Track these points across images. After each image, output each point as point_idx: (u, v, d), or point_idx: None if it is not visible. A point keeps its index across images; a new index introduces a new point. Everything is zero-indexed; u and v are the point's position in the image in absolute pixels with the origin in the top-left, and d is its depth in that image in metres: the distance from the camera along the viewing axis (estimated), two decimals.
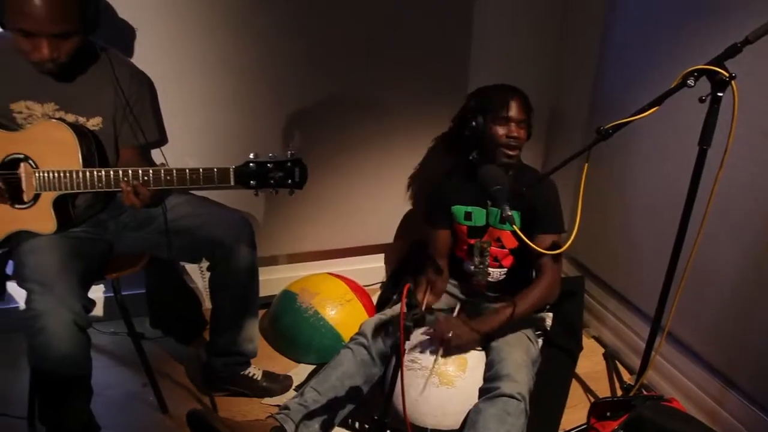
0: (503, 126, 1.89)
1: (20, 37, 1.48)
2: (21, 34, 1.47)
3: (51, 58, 1.51)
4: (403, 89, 2.39)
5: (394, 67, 2.36)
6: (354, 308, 2.25)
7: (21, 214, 1.63)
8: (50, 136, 1.60)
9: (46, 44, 1.48)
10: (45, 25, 1.46)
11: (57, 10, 1.46)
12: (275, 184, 1.55)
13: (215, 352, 1.98)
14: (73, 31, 1.52)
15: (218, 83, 2.20)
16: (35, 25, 1.45)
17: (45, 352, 1.51)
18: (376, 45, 2.31)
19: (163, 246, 1.81)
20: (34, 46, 1.49)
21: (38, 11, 1.43)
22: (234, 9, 2.13)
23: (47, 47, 1.49)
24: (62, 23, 1.48)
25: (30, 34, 1.47)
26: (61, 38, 1.50)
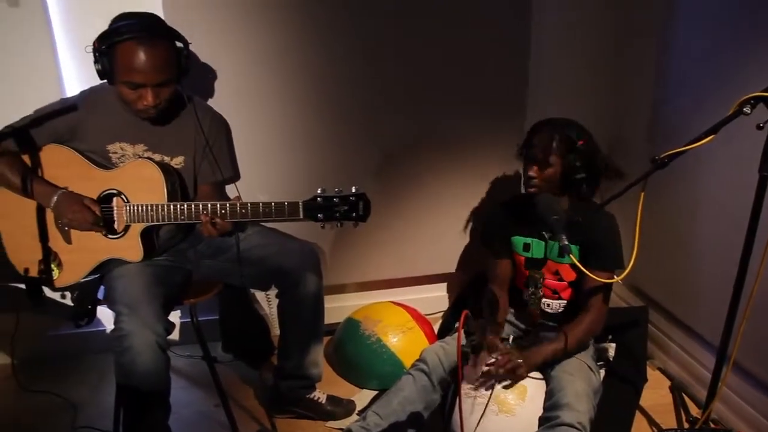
0: (527, 164, 1.92)
1: (127, 89, 1.69)
2: (129, 86, 1.68)
3: (154, 105, 1.71)
4: (463, 122, 2.46)
5: (454, 101, 2.44)
6: (415, 336, 2.30)
7: (113, 244, 1.80)
8: (140, 174, 1.78)
9: (150, 93, 1.69)
10: (150, 76, 1.66)
11: (160, 63, 1.67)
12: (340, 217, 1.66)
13: (282, 376, 2.08)
14: (171, 80, 1.72)
15: (287, 123, 2.36)
16: (142, 77, 1.66)
17: (130, 370, 1.64)
18: (437, 81, 2.41)
19: (236, 274, 1.94)
20: (140, 95, 1.69)
21: (145, 65, 1.64)
22: (301, 53, 2.28)
23: (151, 95, 1.69)
24: (164, 73, 1.68)
25: (138, 85, 1.67)
26: (162, 86, 1.70)
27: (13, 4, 2.11)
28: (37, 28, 2.15)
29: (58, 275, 1.84)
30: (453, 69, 2.40)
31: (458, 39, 2.37)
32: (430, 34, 2.35)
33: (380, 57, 2.34)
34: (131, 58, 1.65)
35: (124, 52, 1.65)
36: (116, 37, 1.65)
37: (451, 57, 2.39)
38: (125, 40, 1.65)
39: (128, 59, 1.65)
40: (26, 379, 2.31)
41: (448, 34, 2.36)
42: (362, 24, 2.30)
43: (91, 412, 2.22)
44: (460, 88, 2.43)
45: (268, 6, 2.22)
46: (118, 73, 1.68)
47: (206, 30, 2.16)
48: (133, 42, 1.64)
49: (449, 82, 2.42)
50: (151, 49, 1.65)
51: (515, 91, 2.49)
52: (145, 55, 1.64)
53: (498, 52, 2.42)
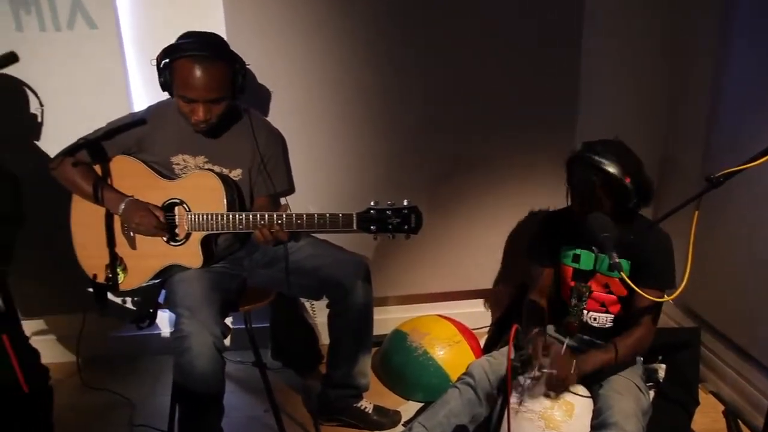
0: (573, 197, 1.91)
1: (182, 102, 1.79)
2: (183, 99, 1.78)
3: (204, 119, 1.80)
4: (511, 139, 2.49)
5: (504, 120, 2.47)
6: (462, 350, 2.32)
7: (175, 251, 1.89)
8: (201, 184, 1.87)
9: (201, 108, 1.78)
10: (202, 93, 1.75)
11: (213, 81, 1.75)
12: (393, 229, 1.69)
13: (331, 384, 2.13)
14: (223, 98, 1.80)
15: (339, 138, 2.44)
16: (194, 93, 1.75)
17: (188, 369, 1.72)
18: (488, 100, 2.44)
19: (287, 284, 2.00)
20: (192, 109, 1.79)
21: (198, 82, 1.73)
22: (355, 72, 2.37)
23: (202, 110, 1.78)
24: (216, 92, 1.77)
25: (190, 100, 1.76)
26: (214, 103, 1.79)
27: (92, 26, 2.26)
28: (110, 47, 2.30)
29: (123, 279, 1.94)
30: (503, 87, 2.44)
31: (509, 59, 2.41)
32: (481, 55, 2.39)
33: (432, 76, 2.40)
34: (186, 74, 1.74)
35: (181, 68, 1.75)
36: (176, 53, 1.76)
37: (502, 76, 2.43)
38: (183, 56, 1.75)
39: (184, 75, 1.75)
40: (89, 377, 2.44)
41: (500, 55, 2.40)
42: (414, 44, 2.36)
43: (147, 410, 2.33)
44: (510, 106, 2.46)
45: (324, 28, 2.32)
46: (176, 86, 1.78)
47: (265, 49, 2.27)
48: (189, 59, 1.74)
49: (499, 101, 2.45)
50: (206, 67, 1.74)
51: (564, 109, 2.50)
52: (199, 72, 1.74)
53: (548, 72, 2.44)
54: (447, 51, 2.38)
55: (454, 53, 2.38)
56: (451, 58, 2.39)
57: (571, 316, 2.03)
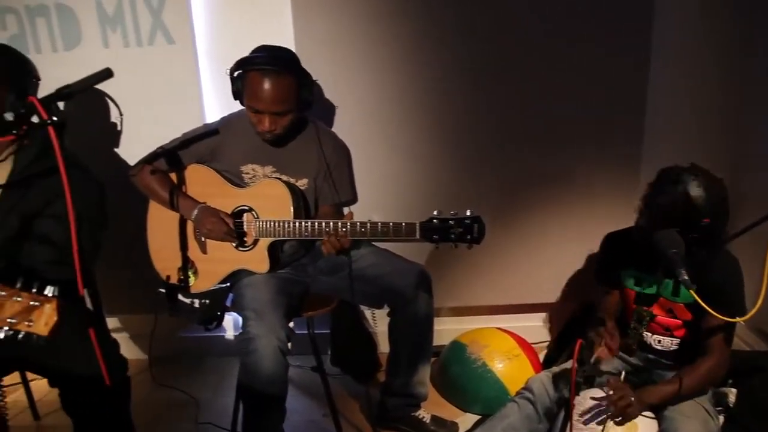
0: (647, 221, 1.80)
1: (251, 112, 1.87)
2: (251, 110, 1.86)
3: (270, 130, 1.87)
4: (579, 156, 2.48)
5: (573, 135, 2.46)
6: (521, 363, 2.30)
7: (243, 256, 1.97)
8: (270, 192, 1.94)
9: (267, 119, 1.86)
10: (268, 105, 1.83)
11: (279, 95, 1.83)
12: (455, 239, 1.71)
13: (390, 392, 2.15)
14: (289, 111, 1.87)
15: (403, 148, 2.48)
16: (261, 104, 1.83)
17: (254, 371, 1.77)
18: (555, 114, 2.44)
19: (350, 291, 2.03)
20: (259, 120, 1.87)
21: (266, 95, 1.81)
22: (421, 84, 2.41)
23: (268, 122, 1.86)
24: (282, 105, 1.84)
25: (258, 111, 1.84)
26: (280, 116, 1.86)
27: (170, 42, 2.39)
28: (186, 61, 2.43)
29: (194, 282, 2.03)
30: (571, 103, 2.43)
31: (579, 76, 2.40)
32: (551, 69, 2.39)
33: (499, 89, 2.42)
34: (255, 86, 1.82)
35: (251, 80, 1.83)
36: (247, 65, 1.84)
37: (571, 92, 2.41)
38: (254, 69, 1.83)
39: (253, 87, 1.83)
40: (159, 374, 2.55)
41: (570, 72, 2.39)
42: (482, 58, 2.38)
43: (212, 409, 2.41)
44: (577, 122, 2.45)
45: (391, 41, 2.37)
46: (245, 97, 1.87)
47: (332, 62, 2.34)
48: (259, 72, 1.82)
49: (567, 116, 2.44)
50: (274, 81, 1.82)
51: (631, 127, 2.46)
52: (267, 85, 1.81)
53: (616, 91, 2.41)
54: (516, 64, 2.39)
55: (523, 67, 2.39)
56: (519, 72, 2.40)
57: (629, 338, 1.99)
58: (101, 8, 2.39)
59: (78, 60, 2.43)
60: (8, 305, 1.25)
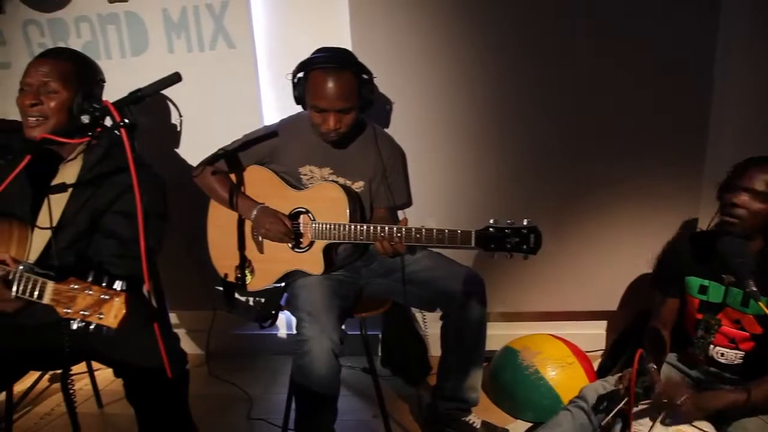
0: (733, 192, 1.76)
1: (314, 112, 1.90)
2: (315, 110, 1.89)
3: (334, 129, 1.90)
4: (636, 164, 2.41)
5: (629, 141, 2.40)
6: (575, 372, 2.25)
7: (298, 257, 2.01)
8: (326, 195, 1.98)
9: (332, 118, 1.88)
10: (333, 102, 1.86)
11: (343, 91, 1.85)
12: (511, 248, 1.69)
13: (440, 396, 2.15)
14: (353, 108, 1.90)
15: (459, 153, 2.47)
16: (326, 102, 1.86)
17: (307, 371, 1.81)
18: (614, 122, 2.39)
19: (402, 293, 2.05)
20: (324, 119, 1.89)
21: (330, 92, 1.84)
22: (479, 89, 2.40)
23: (333, 120, 1.88)
24: (346, 101, 1.87)
25: (322, 110, 1.87)
26: (344, 113, 1.89)
27: (231, 47, 2.47)
28: (245, 65, 2.49)
29: (251, 281, 2.09)
30: (632, 109, 2.37)
31: (640, 84, 2.34)
32: (610, 77, 2.34)
33: (559, 95, 2.38)
34: (319, 84, 1.86)
35: (314, 79, 1.87)
36: (310, 66, 1.88)
37: (631, 100, 2.36)
38: (317, 68, 1.86)
39: (317, 85, 1.86)
40: (214, 369, 2.63)
41: (631, 79, 2.34)
42: (541, 62, 2.35)
43: (264, 405, 2.47)
44: (637, 129, 2.39)
45: (447, 46, 2.37)
46: (309, 97, 1.90)
47: (389, 66, 2.35)
48: (322, 70, 1.86)
49: (626, 123, 2.39)
50: (337, 78, 1.85)
51: (694, 133, 2.38)
52: (331, 83, 1.84)
53: (679, 97, 2.34)
54: (575, 71, 2.35)
55: (584, 74, 2.35)
56: (579, 79, 2.35)
57: (695, 348, 1.92)
58: (167, 15, 2.48)
59: (144, 65, 2.53)
60: (81, 298, 1.32)
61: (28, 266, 1.45)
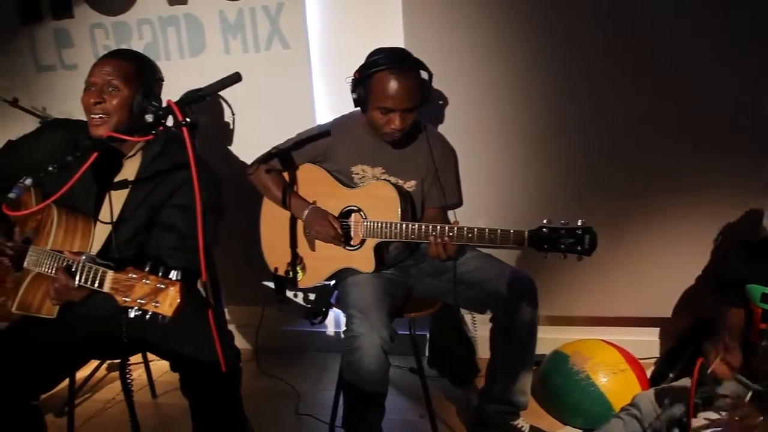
0: None
1: (378, 114, 1.90)
2: (381, 111, 1.89)
3: (400, 129, 1.90)
4: (698, 165, 2.34)
5: (691, 142, 2.33)
6: (627, 379, 2.20)
7: (349, 255, 2.02)
8: (378, 194, 1.99)
9: (398, 117, 1.89)
10: (400, 102, 1.86)
11: (409, 91, 1.86)
12: (565, 249, 1.67)
13: (489, 399, 2.13)
14: (417, 107, 1.90)
15: (511, 153, 2.46)
16: (393, 102, 1.86)
17: (357, 368, 1.82)
18: (671, 121, 2.33)
19: (452, 294, 2.03)
20: (389, 120, 1.90)
21: (397, 92, 1.85)
22: (533, 88, 2.38)
23: (399, 120, 1.89)
24: (411, 101, 1.88)
25: (388, 110, 1.88)
26: (408, 112, 1.89)
27: (286, 47, 2.51)
28: (299, 65, 2.53)
29: (302, 277, 2.12)
30: (693, 111, 2.31)
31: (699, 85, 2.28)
32: (673, 76, 2.28)
33: (617, 93, 2.33)
34: (385, 85, 1.86)
35: (380, 81, 1.87)
36: (373, 68, 1.88)
37: (692, 102, 2.29)
38: (381, 70, 1.87)
39: (382, 87, 1.86)
40: (263, 364, 2.68)
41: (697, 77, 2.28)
42: (601, 60, 2.31)
43: (311, 402, 2.50)
44: (700, 130, 2.32)
45: (502, 42, 2.36)
46: (373, 99, 1.90)
47: (441, 63, 2.32)
48: (387, 72, 1.86)
49: (687, 126, 2.32)
50: (403, 78, 1.85)
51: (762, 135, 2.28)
52: (397, 83, 1.85)
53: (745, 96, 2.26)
54: (637, 66, 2.29)
55: (645, 70, 2.29)
56: (639, 75, 2.30)
57: (759, 359, 1.85)
58: (224, 16, 2.54)
59: (202, 65, 2.61)
60: (138, 287, 1.36)
61: (89, 257, 1.51)
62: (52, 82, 2.79)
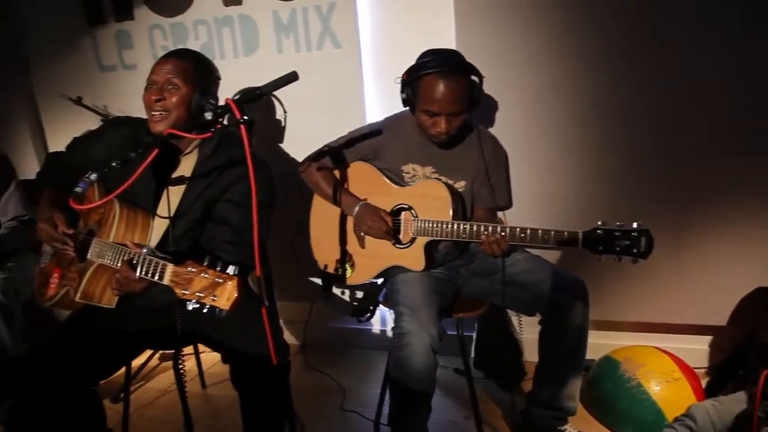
0: None
1: (425, 116, 1.91)
2: (427, 114, 1.89)
3: (446, 132, 1.90)
4: (760, 170, 2.26)
5: (749, 142, 2.25)
6: (681, 388, 2.13)
7: (399, 253, 2.03)
8: (430, 193, 1.99)
9: (444, 121, 1.88)
10: (446, 106, 1.86)
11: (455, 95, 1.85)
12: (621, 252, 1.64)
13: (536, 403, 2.10)
14: (464, 110, 1.89)
15: (562, 153, 2.42)
16: (439, 106, 1.86)
17: (405, 365, 1.82)
18: (731, 122, 2.25)
19: (501, 295, 2.01)
20: (435, 122, 1.90)
21: (442, 97, 1.84)
22: (587, 86, 2.33)
23: (445, 123, 1.89)
24: (458, 105, 1.87)
25: (434, 114, 1.88)
26: (455, 116, 1.88)
27: (337, 47, 2.54)
28: (350, 65, 2.55)
29: (351, 274, 2.13)
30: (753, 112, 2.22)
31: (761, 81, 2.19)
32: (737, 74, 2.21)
33: (674, 94, 2.26)
34: (431, 89, 1.85)
35: (426, 84, 1.87)
36: (421, 71, 1.88)
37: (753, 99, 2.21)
38: (429, 73, 1.86)
39: (429, 90, 1.86)
40: (310, 359, 2.71)
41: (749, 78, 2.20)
42: (653, 61, 2.25)
43: (357, 398, 2.51)
44: (762, 130, 2.23)
45: (555, 42, 2.32)
46: (420, 101, 1.90)
47: (492, 65, 2.31)
48: (434, 75, 1.85)
49: (748, 125, 2.24)
50: (450, 82, 1.84)
51: None
52: (443, 87, 1.84)
53: None
54: (691, 70, 2.23)
55: (698, 73, 2.23)
56: (694, 78, 2.23)
57: None
58: (277, 16, 2.58)
59: (255, 64, 2.65)
60: (197, 281, 1.39)
61: (150, 250, 1.56)
62: (113, 81, 2.89)
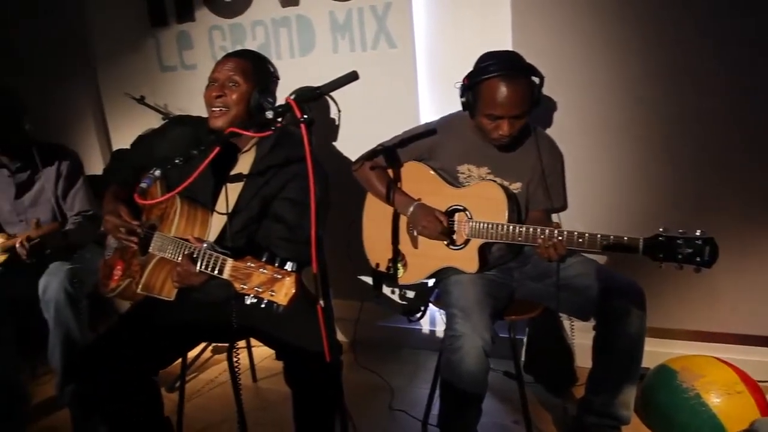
0: None
1: (487, 120, 1.90)
2: (489, 118, 1.89)
3: (509, 135, 1.89)
4: None
5: None
6: (744, 402, 2.04)
7: (453, 254, 2.02)
8: (485, 194, 1.97)
9: (507, 124, 1.87)
10: (509, 110, 1.85)
11: (518, 98, 1.84)
12: (683, 260, 1.59)
13: (589, 410, 2.05)
14: (526, 113, 1.88)
15: (621, 157, 2.36)
16: (502, 110, 1.85)
17: (457, 367, 1.81)
18: None
19: (555, 299, 1.98)
20: (497, 126, 1.89)
21: (506, 100, 1.83)
22: (649, 89, 2.27)
23: (507, 126, 1.87)
24: (520, 108, 1.85)
25: (497, 117, 1.87)
26: (517, 119, 1.87)
27: (392, 47, 2.55)
28: (405, 65, 2.56)
29: (403, 274, 2.14)
30: None
31: None
32: None
33: (739, 99, 2.17)
34: (494, 93, 1.84)
35: (489, 88, 1.85)
36: (483, 75, 1.87)
37: None
38: (491, 77, 1.85)
39: (491, 94, 1.85)
40: (359, 357, 2.73)
41: None
42: (716, 62, 2.17)
43: (405, 398, 2.52)
44: None
45: (615, 42, 2.27)
46: (482, 106, 1.89)
47: (550, 65, 2.26)
48: (497, 79, 1.84)
49: None
50: (512, 85, 1.83)
51: None
52: (506, 90, 1.83)
53: None
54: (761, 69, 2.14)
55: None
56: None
57: None
58: (333, 17, 2.61)
59: (310, 64, 2.70)
60: (255, 276, 1.43)
61: (210, 245, 1.61)
62: (174, 81, 2.99)
